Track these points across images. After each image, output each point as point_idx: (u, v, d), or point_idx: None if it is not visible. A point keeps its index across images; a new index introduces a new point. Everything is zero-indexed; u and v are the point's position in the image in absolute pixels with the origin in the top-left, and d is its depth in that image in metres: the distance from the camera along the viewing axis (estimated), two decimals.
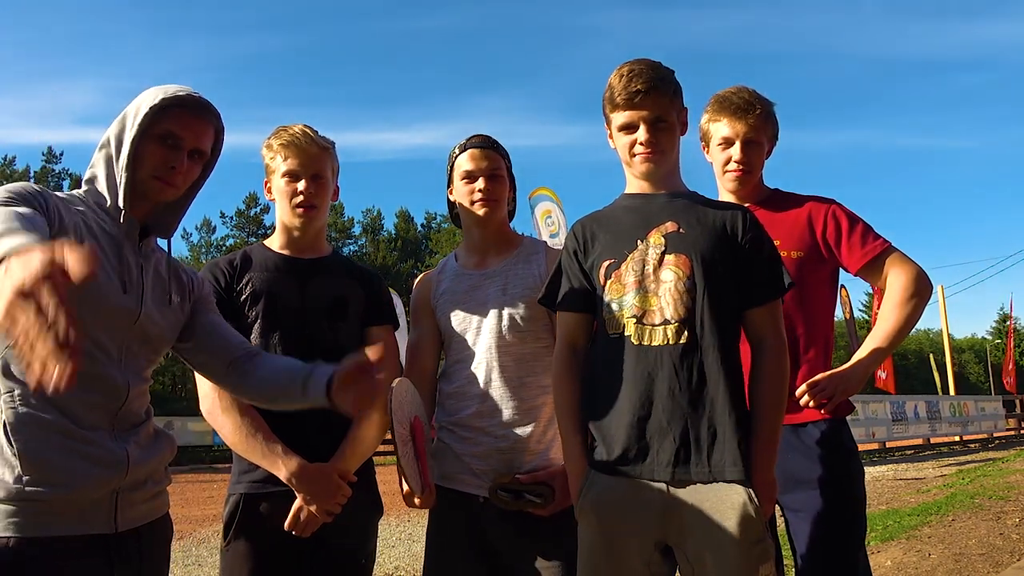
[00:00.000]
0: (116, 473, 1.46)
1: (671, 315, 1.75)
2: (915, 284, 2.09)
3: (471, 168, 2.18)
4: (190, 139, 1.57)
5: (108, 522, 1.46)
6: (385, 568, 5.86)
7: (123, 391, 1.50)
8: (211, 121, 1.61)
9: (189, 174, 1.60)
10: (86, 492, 1.41)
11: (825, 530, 2.01)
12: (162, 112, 1.53)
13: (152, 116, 1.52)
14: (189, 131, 1.56)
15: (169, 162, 1.54)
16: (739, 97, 2.24)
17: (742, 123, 2.22)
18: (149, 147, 1.53)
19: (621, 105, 1.83)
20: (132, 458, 1.49)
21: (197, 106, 1.58)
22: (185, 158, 1.57)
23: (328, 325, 2.11)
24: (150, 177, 1.54)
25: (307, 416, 2.02)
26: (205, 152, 1.62)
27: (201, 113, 1.59)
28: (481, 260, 2.25)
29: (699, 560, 1.69)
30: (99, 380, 1.45)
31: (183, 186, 1.60)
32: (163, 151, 1.54)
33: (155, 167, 1.54)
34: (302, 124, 2.15)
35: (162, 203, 1.62)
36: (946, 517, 6.92)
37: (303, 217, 2.13)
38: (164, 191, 1.57)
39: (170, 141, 1.55)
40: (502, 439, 2.07)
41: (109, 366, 1.48)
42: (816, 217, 2.20)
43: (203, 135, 1.60)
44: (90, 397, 1.44)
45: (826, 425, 2.10)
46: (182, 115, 1.55)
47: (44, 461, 1.37)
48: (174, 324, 1.66)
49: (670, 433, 1.71)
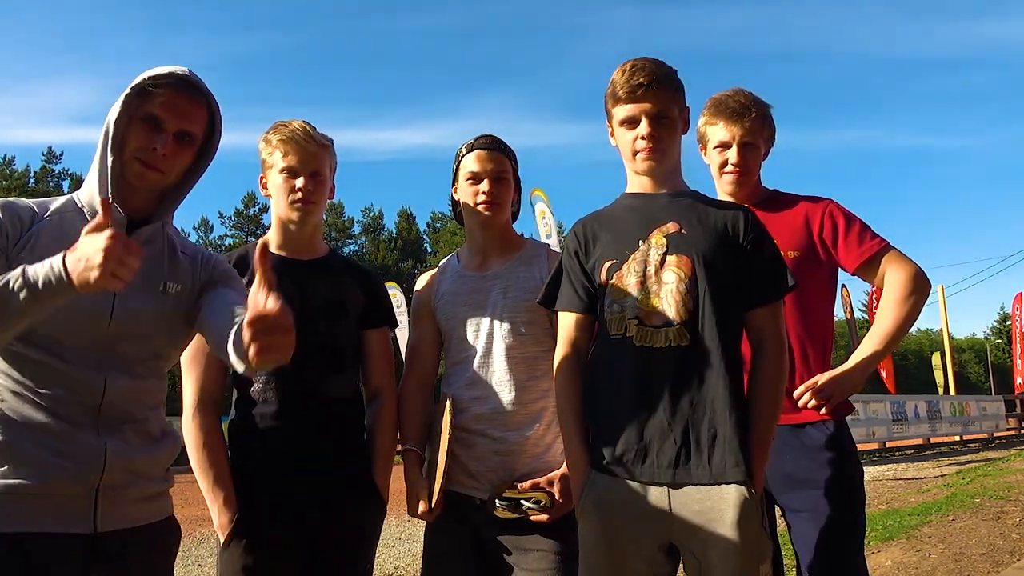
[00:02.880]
0: (90, 468, 1.42)
1: (673, 317, 1.74)
2: (913, 283, 2.09)
3: (476, 170, 2.18)
4: (174, 120, 1.50)
5: (86, 521, 1.42)
6: (385, 568, 5.86)
7: (98, 388, 1.45)
8: (200, 102, 1.54)
9: (176, 158, 1.53)
10: (57, 486, 1.38)
11: (825, 531, 2.01)
12: (147, 93, 1.48)
13: (135, 97, 1.47)
14: (174, 112, 1.50)
15: (151, 143, 1.49)
16: (735, 100, 2.24)
17: (738, 126, 2.23)
18: (133, 129, 1.49)
19: (623, 98, 1.83)
20: (111, 452, 1.44)
21: (184, 85, 1.51)
22: (170, 140, 1.50)
23: (326, 327, 2.10)
24: (132, 159, 1.49)
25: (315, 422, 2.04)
26: (194, 135, 1.55)
27: (189, 93, 1.52)
28: (483, 262, 2.25)
29: (704, 559, 1.69)
30: (67, 377, 1.43)
31: (169, 171, 1.53)
32: (146, 133, 1.49)
33: (137, 149, 1.49)
34: (301, 120, 2.13)
35: (154, 190, 1.56)
36: (946, 517, 6.92)
37: (301, 211, 2.11)
38: (146, 175, 1.51)
39: (153, 123, 1.49)
40: (500, 441, 2.07)
41: (79, 364, 1.44)
42: (813, 217, 2.20)
43: (190, 116, 1.53)
44: (61, 393, 1.41)
45: (825, 426, 2.09)
46: (168, 96, 1.49)
47: (15, 453, 1.35)
48: (170, 314, 1.59)
49: (671, 434, 1.71)
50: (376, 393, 2.21)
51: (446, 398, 2.13)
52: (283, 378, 2.03)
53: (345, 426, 2.12)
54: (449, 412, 2.06)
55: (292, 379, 2.03)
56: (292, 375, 2.03)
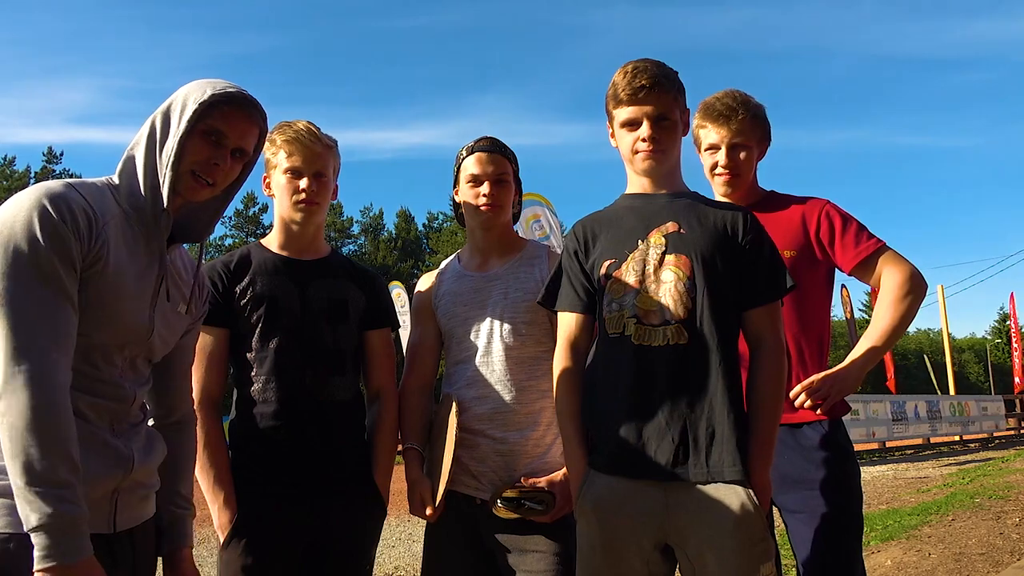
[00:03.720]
0: (123, 471, 1.46)
1: (671, 316, 1.75)
2: (909, 283, 2.09)
3: (477, 172, 2.18)
4: (235, 137, 1.52)
5: (108, 522, 1.45)
6: (385, 568, 5.86)
7: (129, 398, 1.49)
8: (256, 120, 1.57)
9: (230, 173, 1.56)
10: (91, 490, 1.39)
11: (821, 531, 2.01)
12: (210, 107, 1.48)
13: (201, 111, 1.47)
14: (235, 129, 1.52)
15: (213, 159, 1.50)
16: (722, 103, 2.25)
17: (725, 128, 2.24)
18: (193, 142, 1.49)
19: (625, 101, 1.84)
20: (137, 458, 1.49)
21: (245, 103, 1.53)
22: (228, 156, 1.53)
23: (328, 328, 2.11)
24: (188, 172, 1.49)
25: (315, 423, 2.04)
26: (248, 152, 1.57)
27: (248, 110, 1.54)
28: (484, 262, 2.26)
29: (700, 560, 1.69)
30: (109, 386, 1.45)
31: (222, 185, 1.56)
32: (208, 147, 1.50)
33: (197, 163, 1.49)
34: (305, 120, 2.14)
35: (193, 203, 1.57)
36: (946, 517, 6.92)
37: (304, 212, 2.12)
38: (199, 190, 1.52)
39: (215, 138, 1.50)
40: (501, 442, 2.07)
41: (118, 375, 1.47)
42: (810, 217, 2.20)
43: (248, 134, 1.55)
44: (98, 400, 1.43)
45: (821, 425, 2.10)
46: (230, 112, 1.51)
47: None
48: (177, 333, 1.64)
49: (669, 433, 1.71)
50: (377, 394, 2.22)
51: (448, 398, 2.14)
52: (283, 379, 2.04)
53: (346, 426, 2.12)
54: (455, 414, 2.06)
55: (292, 380, 2.04)
56: (293, 376, 2.04)
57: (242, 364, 2.08)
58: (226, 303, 2.08)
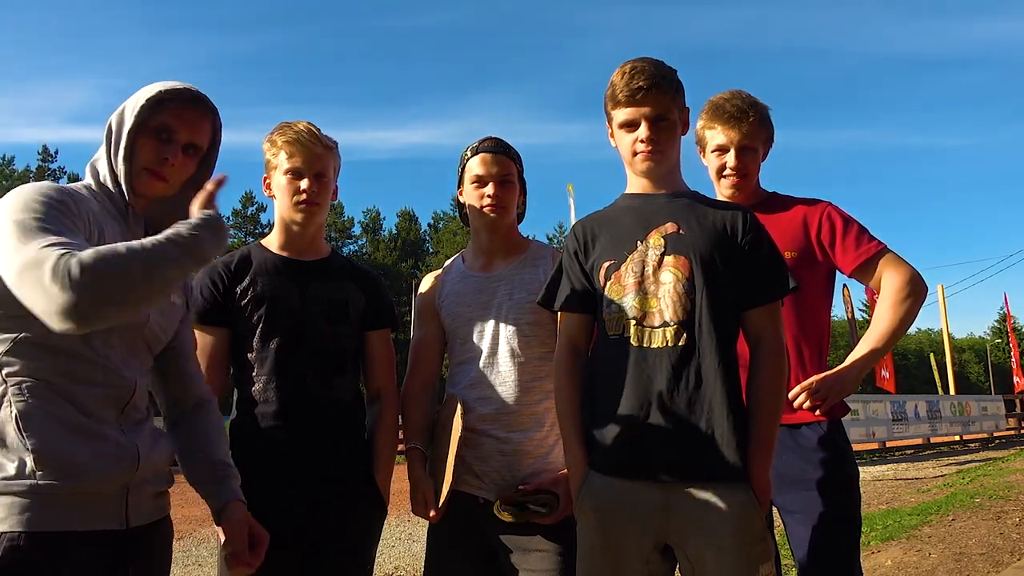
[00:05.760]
0: (128, 466, 1.46)
1: (670, 317, 1.75)
2: (909, 285, 2.09)
3: (481, 173, 2.19)
4: (184, 132, 1.56)
5: (119, 518, 1.45)
6: (385, 568, 5.86)
7: (131, 386, 1.50)
8: (207, 115, 1.61)
9: (182, 168, 1.59)
10: (99, 485, 1.40)
11: (819, 531, 2.01)
12: (159, 106, 1.53)
13: (148, 109, 1.52)
14: (183, 124, 1.56)
15: (162, 154, 1.54)
16: (732, 104, 2.24)
17: (736, 131, 2.23)
18: (143, 140, 1.54)
19: (623, 102, 1.84)
20: (142, 453, 1.49)
21: (193, 100, 1.58)
22: (179, 151, 1.56)
23: (328, 328, 2.11)
24: (141, 169, 1.54)
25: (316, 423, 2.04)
26: (200, 147, 1.61)
27: (197, 106, 1.59)
28: (488, 263, 2.26)
29: (699, 560, 1.69)
30: (110, 373, 1.46)
31: (175, 181, 1.59)
32: (157, 144, 1.54)
33: (148, 160, 1.54)
34: (306, 121, 2.14)
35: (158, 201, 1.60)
36: (946, 517, 6.92)
37: (304, 212, 2.12)
38: (153, 185, 1.56)
39: (164, 135, 1.55)
40: (504, 442, 2.08)
41: (119, 361, 1.48)
42: (811, 218, 2.20)
43: (198, 129, 1.59)
44: (100, 390, 1.43)
45: (821, 426, 2.10)
46: (177, 109, 1.55)
47: (56, 453, 1.36)
48: (172, 324, 1.66)
49: (669, 434, 1.71)
50: (377, 394, 2.22)
51: (453, 399, 2.14)
52: (284, 379, 2.04)
53: (346, 427, 2.12)
54: (460, 415, 2.07)
55: (293, 380, 2.04)
56: (293, 376, 2.04)
57: (243, 364, 2.08)
58: (226, 303, 2.08)
